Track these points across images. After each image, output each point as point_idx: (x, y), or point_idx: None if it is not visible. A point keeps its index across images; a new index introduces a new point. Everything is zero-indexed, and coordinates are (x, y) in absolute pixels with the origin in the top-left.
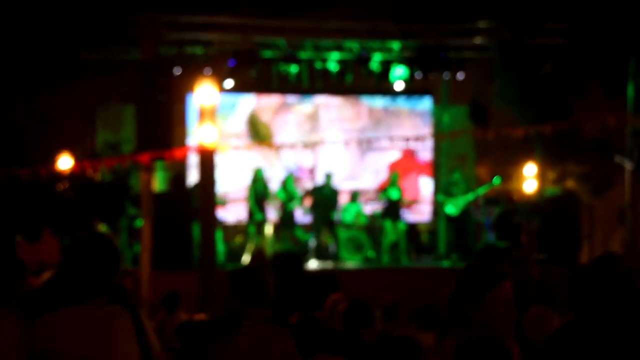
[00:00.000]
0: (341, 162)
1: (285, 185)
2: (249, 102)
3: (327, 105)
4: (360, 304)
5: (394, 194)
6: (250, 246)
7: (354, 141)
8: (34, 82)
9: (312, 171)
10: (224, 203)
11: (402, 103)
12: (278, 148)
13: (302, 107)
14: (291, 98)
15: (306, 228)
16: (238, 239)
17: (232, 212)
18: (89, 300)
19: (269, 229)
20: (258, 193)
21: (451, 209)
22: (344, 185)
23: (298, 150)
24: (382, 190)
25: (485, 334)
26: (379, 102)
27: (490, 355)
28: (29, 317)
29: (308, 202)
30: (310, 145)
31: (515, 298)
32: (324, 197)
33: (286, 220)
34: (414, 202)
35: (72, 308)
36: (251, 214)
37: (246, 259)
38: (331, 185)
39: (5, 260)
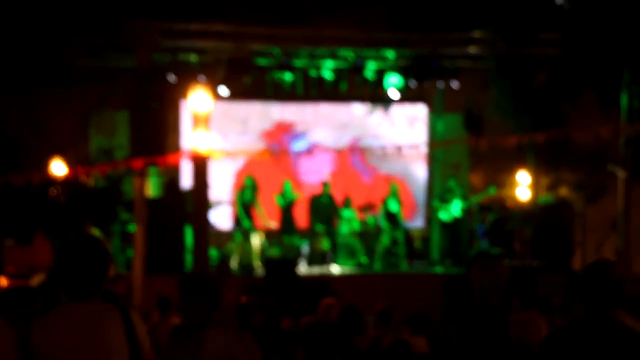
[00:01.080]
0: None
1: (283, 191)
2: None
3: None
4: (352, 311)
5: (393, 207)
6: (238, 253)
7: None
8: (28, 88)
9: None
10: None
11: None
12: (272, 155)
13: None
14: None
15: (302, 234)
16: (230, 245)
17: (224, 218)
18: (81, 301)
19: (255, 236)
20: (245, 199)
21: (445, 215)
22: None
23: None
24: (382, 202)
25: None
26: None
27: None
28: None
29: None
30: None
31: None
32: (322, 206)
33: (286, 227)
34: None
35: (64, 306)
36: (238, 221)
37: (234, 264)
38: (329, 194)
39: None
